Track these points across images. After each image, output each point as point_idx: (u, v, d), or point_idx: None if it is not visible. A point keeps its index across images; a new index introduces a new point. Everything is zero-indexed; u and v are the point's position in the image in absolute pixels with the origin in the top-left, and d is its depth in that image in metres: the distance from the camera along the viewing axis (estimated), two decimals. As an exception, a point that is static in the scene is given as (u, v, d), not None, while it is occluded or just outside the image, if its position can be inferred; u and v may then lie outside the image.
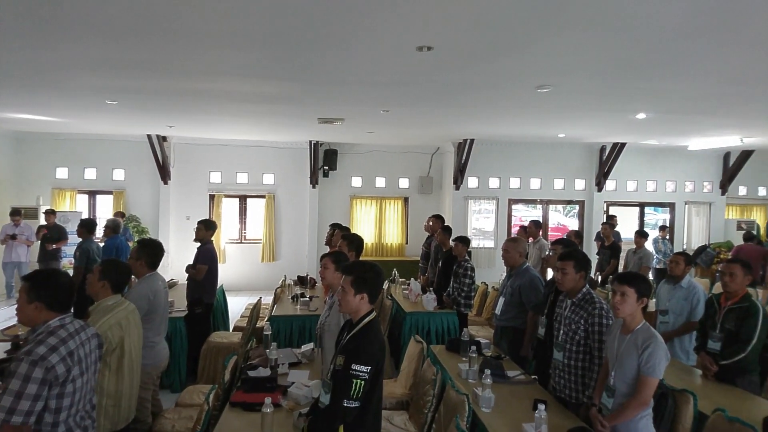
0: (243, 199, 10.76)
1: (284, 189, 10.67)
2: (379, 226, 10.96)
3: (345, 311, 2.55)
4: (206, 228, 5.62)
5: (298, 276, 7.29)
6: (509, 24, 3.45)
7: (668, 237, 10.33)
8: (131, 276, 3.33)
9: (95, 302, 3.02)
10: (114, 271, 3.07)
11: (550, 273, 5.47)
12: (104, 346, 2.62)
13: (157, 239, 5.15)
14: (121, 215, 8.97)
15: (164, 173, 9.99)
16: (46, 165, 9.94)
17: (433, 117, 7.32)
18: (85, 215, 9.70)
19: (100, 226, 7.22)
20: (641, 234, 7.70)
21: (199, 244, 5.56)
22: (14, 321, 4.72)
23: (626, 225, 10.69)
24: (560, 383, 3.34)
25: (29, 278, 2.27)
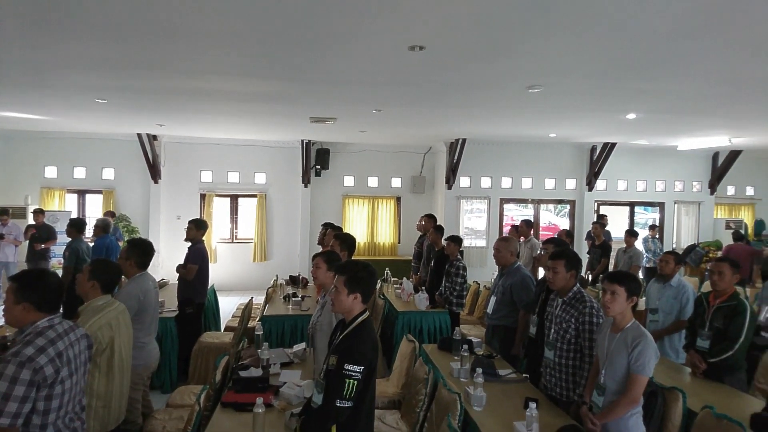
0: (234, 199, 10.71)
1: (276, 188, 10.63)
2: (372, 226, 10.95)
3: (338, 311, 2.54)
4: (197, 227, 5.59)
5: (290, 276, 7.27)
6: (501, 24, 3.47)
7: (658, 236, 10.41)
8: (121, 276, 3.31)
9: (85, 302, 3.00)
10: (104, 271, 3.05)
11: (542, 272, 5.48)
12: (94, 347, 2.60)
13: (148, 239, 5.12)
14: (112, 215, 8.89)
15: (155, 172, 9.91)
16: (35, 164, 9.83)
17: (426, 117, 7.33)
18: (75, 215, 9.61)
19: (90, 226, 7.15)
20: (631, 233, 7.77)
21: (190, 244, 5.54)
22: (1, 322, 4.67)
23: (616, 224, 10.77)
24: (551, 381, 3.37)
25: (17, 278, 2.25)
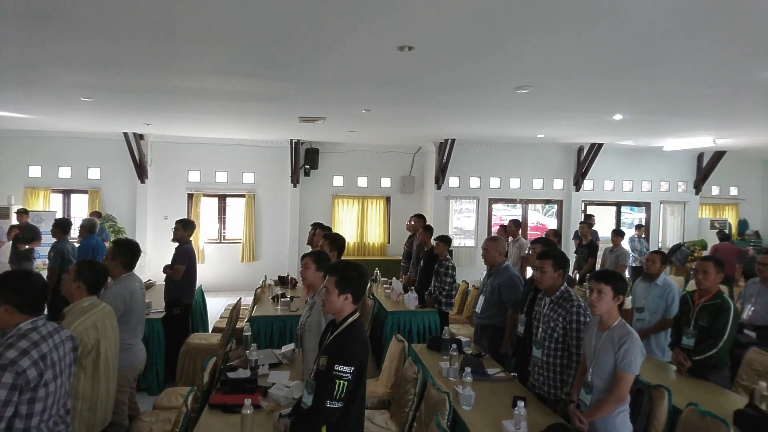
0: (222, 199, 10.64)
1: (265, 188, 10.57)
2: (361, 226, 10.94)
3: (328, 311, 2.54)
4: (184, 228, 5.55)
5: (279, 276, 7.24)
6: (489, 25, 3.48)
7: (644, 236, 10.55)
8: (108, 277, 3.27)
9: (70, 304, 2.95)
10: (90, 272, 3.01)
11: (530, 271, 5.53)
12: (79, 349, 2.56)
13: (134, 239, 5.07)
14: (98, 215, 8.78)
15: (141, 172, 9.80)
16: (19, 163, 9.66)
17: (415, 117, 7.34)
18: (60, 215, 9.46)
19: (76, 226, 7.06)
20: (618, 233, 7.86)
21: (177, 244, 5.49)
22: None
23: (603, 224, 10.87)
24: (539, 380, 3.39)
25: (-1, 280, 2.21)
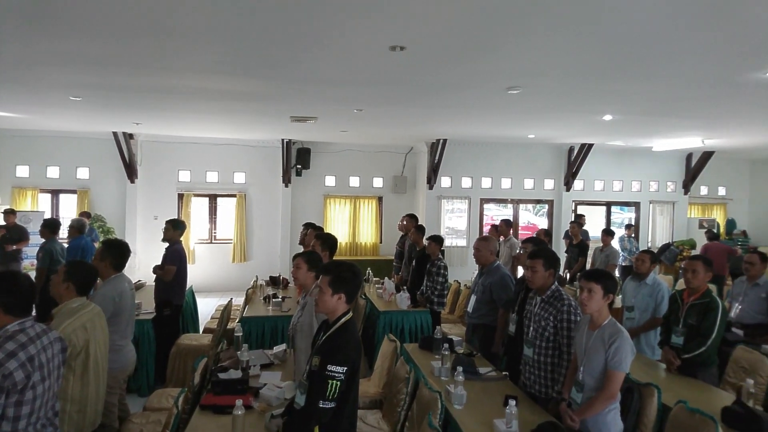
0: (213, 199, 10.57)
1: (256, 188, 10.52)
2: (353, 226, 10.93)
3: (322, 311, 2.53)
4: (174, 228, 5.51)
5: (271, 276, 7.21)
6: (481, 26, 3.49)
7: (634, 235, 10.64)
8: (97, 278, 3.23)
9: (59, 304, 2.92)
10: (79, 273, 2.98)
11: (521, 271, 5.55)
12: (68, 350, 2.53)
13: (124, 240, 5.03)
14: (87, 215, 8.69)
15: (131, 172, 9.72)
16: (6, 163, 9.53)
17: (407, 117, 7.35)
18: (48, 215, 9.35)
19: (64, 226, 6.98)
20: (608, 233, 7.92)
21: (168, 245, 5.45)
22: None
23: (593, 224, 10.94)
24: (530, 379, 3.40)
25: (-14, 281, 2.18)
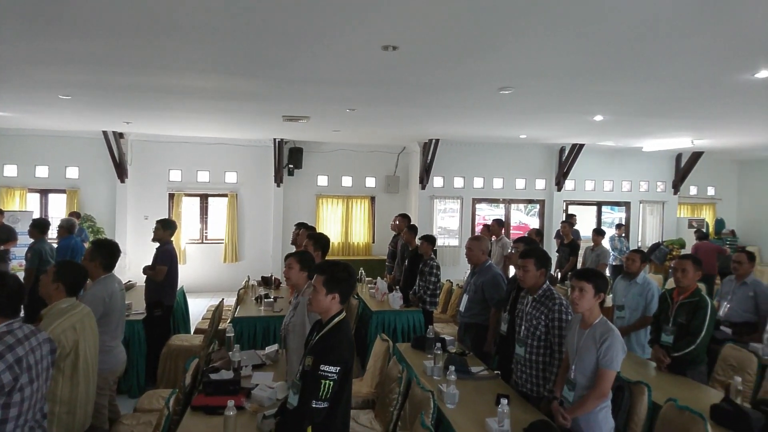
0: (204, 198, 10.51)
1: (247, 188, 10.48)
2: (346, 226, 10.92)
3: (315, 311, 2.53)
4: (164, 228, 5.47)
5: (262, 276, 7.18)
6: (473, 26, 3.50)
7: (624, 235, 10.72)
8: (87, 278, 3.20)
9: (48, 305, 2.89)
10: (69, 273, 2.95)
11: (513, 270, 5.57)
12: (57, 351, 2.50)
13: (114, 240, 4.98)
14: (76, 215, 8.60)
15: (121, 171, 9.63)
16: (-7, 162, 9.45)
17: (399, 117, 7.35)
18: (37, 215, 9.24)
19: (54, 226, 6.91)
20: (599, 232, 7.98)
21: (158, 245, 5.41)
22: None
23: (584, 223, 11.02)
24: (522, 378, 3.42)
25: (-27, 282, 2.15)
